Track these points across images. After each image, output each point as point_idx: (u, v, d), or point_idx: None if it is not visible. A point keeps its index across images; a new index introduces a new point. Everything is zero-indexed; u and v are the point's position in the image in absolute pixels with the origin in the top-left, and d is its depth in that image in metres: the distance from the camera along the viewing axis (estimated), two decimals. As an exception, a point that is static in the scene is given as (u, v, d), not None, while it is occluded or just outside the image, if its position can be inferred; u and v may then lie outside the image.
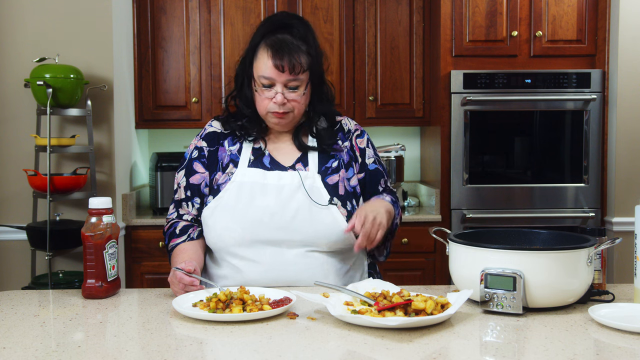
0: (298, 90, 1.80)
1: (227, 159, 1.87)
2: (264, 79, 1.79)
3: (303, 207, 1.78)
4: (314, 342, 1.32)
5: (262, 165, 1.85)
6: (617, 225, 3.39)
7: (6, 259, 3.24)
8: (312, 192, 1.80)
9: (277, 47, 1.77)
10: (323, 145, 1.88)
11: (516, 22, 3.51)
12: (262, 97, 1.81)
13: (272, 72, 1.77)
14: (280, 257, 1.78)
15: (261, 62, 1.80)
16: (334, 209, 1.80)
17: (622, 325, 1.36)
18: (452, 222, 3.50)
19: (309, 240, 1.78)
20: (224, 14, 3.69)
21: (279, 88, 1.79)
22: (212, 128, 1.94)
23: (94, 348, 1.31)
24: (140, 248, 3.42)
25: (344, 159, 1.89)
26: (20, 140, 3.20)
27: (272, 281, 1.77)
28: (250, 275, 1.79)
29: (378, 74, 3.76)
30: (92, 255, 1.68)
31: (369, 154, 1.94)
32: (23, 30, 3.21)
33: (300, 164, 1.86)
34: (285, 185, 1.80)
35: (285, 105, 1.80)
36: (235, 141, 1.90)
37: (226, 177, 1.84)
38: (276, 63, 1.76)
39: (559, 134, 3.54)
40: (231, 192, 1.81)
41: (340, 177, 1.86)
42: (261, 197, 1.79)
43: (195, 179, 1.88)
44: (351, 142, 1.93)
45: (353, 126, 1.98)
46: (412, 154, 4.11)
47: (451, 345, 1.31)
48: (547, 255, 1.48)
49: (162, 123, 3.74)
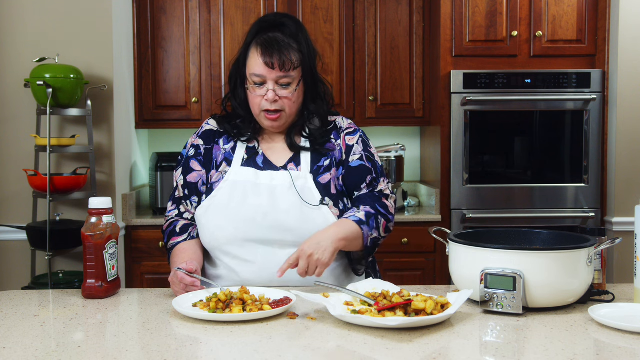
0: (289, 88, 1.81)
1: (221, 157, 1.89)
2: (255, 77, 1.81)
3: (294, 208, 1.79)
4: (314, 342, 1.32)
5: (255, 164, 1.86)
6: (617, 225, 3.39)
7: (6, 259, 3.24)
8: (304, 192, 1.80)
9: (267, 45, 1.79)
10: (316, 145, 1.88)
11: (516, 22, 3.51)
12: (255, 96, 1.82)
13: (262, 69, 1.79)
14: (273, 257, 1.78)
15: (252, 60, 1.82)
16: (326, 209, 1.80)
17: (622, 325, 1.36)
18: (452, 222, 3.50)
19: (301, 240, 1.76)
20: (224, 14, 3.69)
21: (270, 85, 1.80)
22: (208, 126, 1.96)
23: (94, 348, 1.31)
24: (140, 248, 3.42)
25: (336, 157, 1.89)
26: (20, 140, 3.20)
27: (266, 281, 1.77)
28: (244, 275, 1.79)
29: (378, 74, 3.76)
30: (92, 255, 1.68)
31: (356, 150, 1.90)
32: (23, 30, 3.21)
33: (293, 163, 1.86)
34: (278, 186, 1.81)
35: (277, 102, 1.80)
36: (229, 140, 1.91)
37: (219, 175, 1.86)
38: (266, 60, 1.78)
39: (559, 134, 3.54)
40: (224, 191, 1.82)
41: (331, 176, 1.86)
42: (254, 197, 1.80)
43: (193, 177, 1.90)
44: (342, 140, 1.92)
45: (346, 124, 1.96)
46: (412, 154, 4.11)
47: (451, 345, 1.31)
48: (547, 255, 1.48)
49: (162, 123, 3.74)
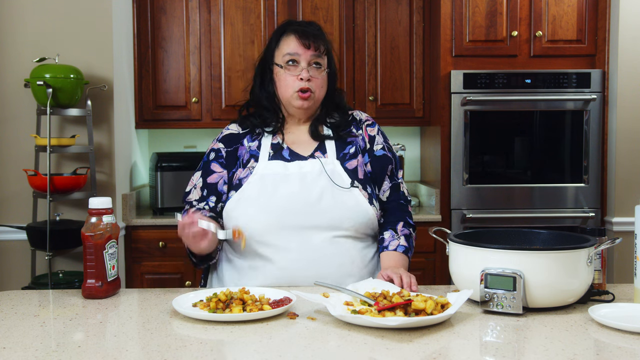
0: (321, 68, 1.91)
1: (247, 156, 1.92)
2: (290, 55, 1.89)
3: (326, 191, 1.83)
4: (314, 342, 1.32)
5: (282, 157, 1.91)
6: (617, 225, 3.39)
7: (6, 259, 3.24)
8: (334, 176, 1.86)
9: (302, 31, 1.91)
10: (339, 132, 1.95)
11: (516, 22, 3.51)
12: (288, 75, 1.89)
13: (298, 47, 1.89)
14: (308, 243, 1.81)
15: (286, 44, 1.91)
16: (356, 191, 1.86)
17: (622, 325, 1.36)
18: (452, 222, 3.51)
19: (335, 223, 1.82)
20: (224, 14, 3.69)
21: (304, 64, 1.89)
22: (229, 131, 2.01)
23: (94, 348, 1.31)
24: (140, 248, 3.42)
25: (360, 145, 1.96)
26: (20, 140, 3.20)
27: (302, 268, 1.79)
28: (281, 263, 1.81)
29: (378, 74, 3.76)
30: (92, 255, 1.68)
31: (378, 140, 2.00)
32: (23, 30, 3.21)
33: (319, 152, 1.92)
34: (307, 173, 1.85)
35: (310, 82, 1.88)
36: (254, 138, 1.95)
37: (247, 171, 1.89)
38: (303, 41, 1.89)
39: (559, 134, 3.54)
40: (254, 185, 1.85)
41: (358, 162, 1.92)
42: (284, 186, 1.83)
43: (213, 178, 1.93)
44: (363, 131, 2.00)
45: (364, 117, 2.06)
46: (412, 154, 4.11)
47: (451, 345, 1.31)
48: (547, 255, 1.48)
49: (162, 123, 3.74)
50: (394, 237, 1.90)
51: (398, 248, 1.88)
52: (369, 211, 1.86)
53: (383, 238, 1.91)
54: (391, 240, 1.89)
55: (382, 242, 1.90)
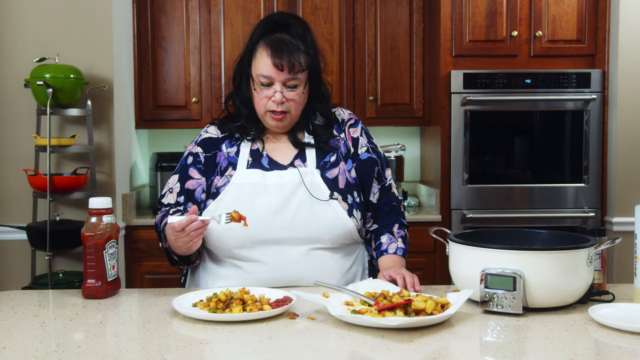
0: (297, 90, 1.80)
1: (226, 162, 1.86)
2: (263, 78, 1.79)
3: (304, 204, 1.79)
4: (314, 342, 1.32)
5: (261, 166, 1.85)
6: (617, 225, 3.39)
7: (6, 259, 3.24)
8: (312, 188, 1.80)
9: (276, 46, 1.77)
10: (320, 142, 1.88)
11: (516, 22, 3.51)
12: (261, 96, 1.81)
13: (271, 70, 1.77)
14: (284, 256, 1.78)
15: (260, 61, 1.79)
16: (335, 203, 1.81)
17: (622, 325, 1.36)
18: (452, 222, 3.50)
19: (313, 236, 1.78)
20: (224, 14, 3.69)
21: (277, 87, 1.78)
22: (207, 134, 1.94)
23: (94, 348, 1.31)
24: (140, 248, 3.42)
25: (342, 152, 1.90)
26: (20, 140, 3.20)
27: (275, 281, 1.77)
28: (253, 275, 1.79)
29: (378, 74, 3.76)
30: (92, 255, 1.68)
31: (362, 142, 1.93)
32: (23, 30, 3.21)
33: (299, 159, 1.86)
34: (286, 184, 1.80)
35: (284, 104, 1.80)
36: (232, 144, 1.89)
37: (225, 179, 1.83)
38: (275, 62, 1.76)
39: (558, 134, 3.54)
40: (230, 194, 1.80)
41: (340, 170, 1.86)
42: (262, 197, 1.79)
43: (191, 184, 1.87)
44: (346, 133, 1.93)
45: (347, 115, 1.97)
46: (412, 154, 4.11)
47: (451, 345, 1.31)
48: (547, 255, 1.48)
49: (162, 123, 3.74)
50: (392, 240, 1.89)
51: (397, 251, 1.88)
52: (347, 224, 1.81)
53: (381, 242, 1.89)
54: (389, 243, 1.88)
55: (380, 247, 1.88)
